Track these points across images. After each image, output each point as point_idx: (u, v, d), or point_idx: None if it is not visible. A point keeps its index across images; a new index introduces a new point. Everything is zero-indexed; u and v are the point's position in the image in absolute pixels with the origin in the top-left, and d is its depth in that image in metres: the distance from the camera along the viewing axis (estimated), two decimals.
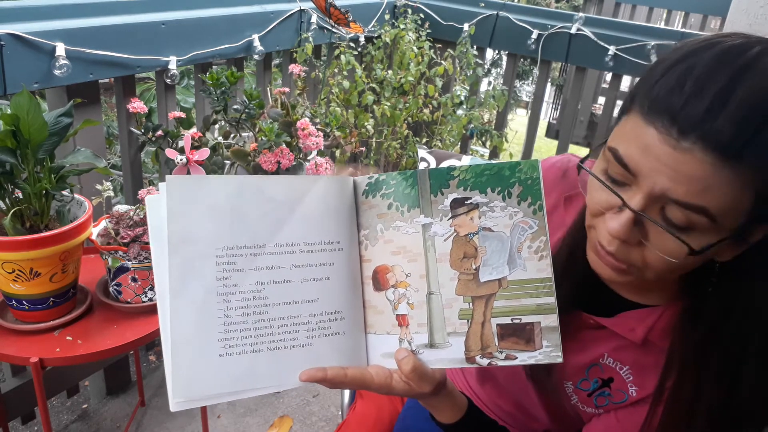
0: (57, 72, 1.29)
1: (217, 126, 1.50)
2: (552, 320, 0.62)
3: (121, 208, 1.21)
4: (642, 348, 0.69)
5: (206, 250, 0.60)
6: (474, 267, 0.64)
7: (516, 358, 0.63)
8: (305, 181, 0.65)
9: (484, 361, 0.63)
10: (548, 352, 0.62)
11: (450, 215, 0.64)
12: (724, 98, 0.50)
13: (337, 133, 1.73)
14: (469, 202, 0.64)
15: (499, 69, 4.05)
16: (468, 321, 0.63)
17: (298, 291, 0.63)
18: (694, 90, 0.51)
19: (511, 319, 0.63)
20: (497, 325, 0.63)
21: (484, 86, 2.73)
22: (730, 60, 0.52)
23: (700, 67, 0.52)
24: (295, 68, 1.67)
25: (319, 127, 1.50)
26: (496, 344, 0.63)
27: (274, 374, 0.61)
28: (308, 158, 1.45)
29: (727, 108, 0.50)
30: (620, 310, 0.71)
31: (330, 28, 2.02)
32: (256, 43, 1.75)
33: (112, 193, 1.25)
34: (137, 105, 1.38)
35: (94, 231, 1.14)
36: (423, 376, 0.64)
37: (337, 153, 1.86)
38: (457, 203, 0.64)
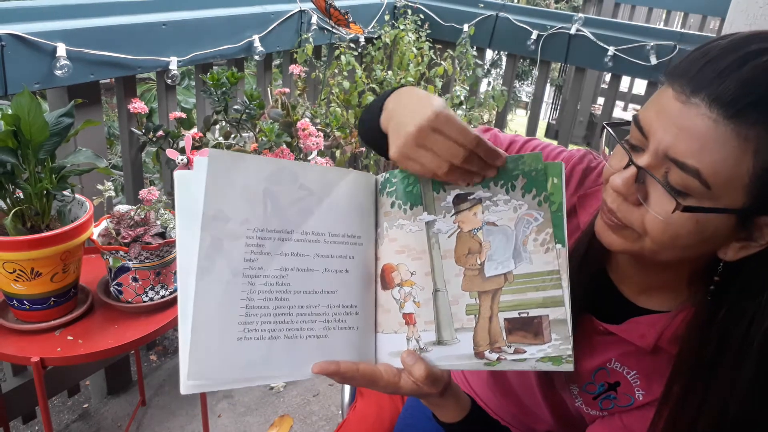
0: (58, 72, 1.30)
1: (217, 126, 1.51)
2: (560, 313, 0.61)
3: (122, 208, 1.22)
4: (651, 353, 0.69)
5: (237, 229, 0.59)
6: (479, 262, 0.63)
7: (525, 351, 0.62)
8: (337, 172, 0.65)
9: (493, 356, 0.62)
10: (557, 345, 0.61)
11: (453, 211, 0.64)
12: (741, 63, 0.52)
13: (338, 134, 1.74)
14: (472, 197, 0.64)
15: (498, 69, 4.06)
16: (475, 316, 0.63)
17: (320, 281, 0.63)
18: (715, 57, 0.54)
19: (518, 313, 0.62)
20: (504, 319, 0.62)
21: (483, 87, 2.73)
22: (759, 39, 0.54)
23: (726, 42, 0.55)
24: (295, 69, 1.68)
25: (319, 127, 1.50)
26: (504, 338, 0.62)
27: (288, 363, 0.61)
28: (308, 158, 1.45)
29: (740, 70, 0.52)
30: (630, 314, 0.70)
31: (330, 29, 2.02)
32: (257, 43, 1.76)
33: (113, 193, 1.25)
34: (138, 105, 1.39)
35: (95, 231, 1.14)
36: (436, 381, 0.64)
37: (337, 153, 1.87)
38: (459, 199, 0.64)
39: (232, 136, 1.45)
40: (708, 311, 0.63)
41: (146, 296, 1.18)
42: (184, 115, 1.44)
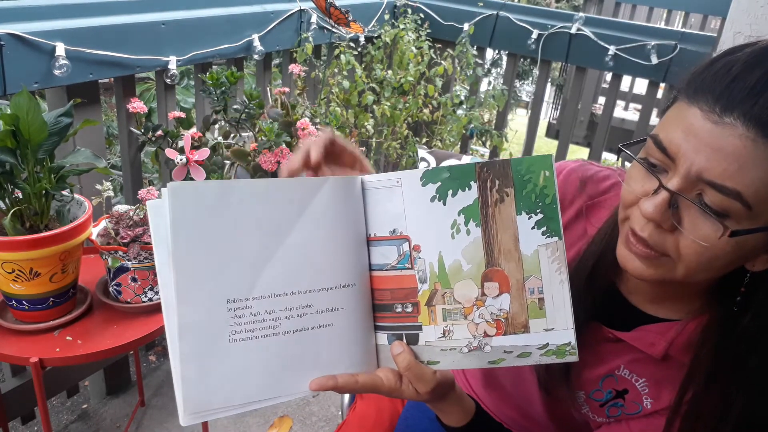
0: (57, 72, 1.29)
1: (217, 126, 1.50)
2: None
3: (121, 208, 1.21)
4: (660, 361, 0.68)
5: None
6: None
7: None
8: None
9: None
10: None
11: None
12: None
13: (337, 133, 1.73)
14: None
15: (499, 69, 4.05)
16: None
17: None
18: (740, 72, 0.52)
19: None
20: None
21: (484, 86, 2.73)
22: None
23: (746, 55, 0.53)
24: (295, 68, 1.67)
25: (319, 127, 1.50)
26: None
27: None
28: None
29: None
30: (638, 322, 0.69)
31: (330, 28, 2.01)
32: (256, 43, 1.75)
33: (111, 193, 1.25)
34: (137, 105, 1.38)
35: (94, 231, 1.14)
36: (422, 377, 0.62)
37: None
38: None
39: (232, 135, 1.45)
40: (729, 319, 0.62)
41: (145, 296, 1.18)
42: (183, 115, 1.44)
